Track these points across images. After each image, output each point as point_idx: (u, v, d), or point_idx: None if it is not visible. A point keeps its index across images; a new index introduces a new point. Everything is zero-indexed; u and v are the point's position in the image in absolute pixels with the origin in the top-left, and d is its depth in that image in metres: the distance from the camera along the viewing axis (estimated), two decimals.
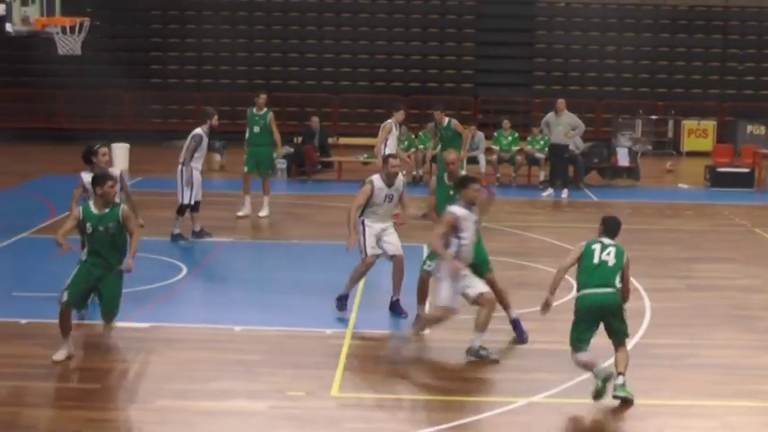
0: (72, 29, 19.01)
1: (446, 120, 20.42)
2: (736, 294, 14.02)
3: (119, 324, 11.03)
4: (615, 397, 9.45)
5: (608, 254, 9.78)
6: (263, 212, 19.23)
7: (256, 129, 19.31)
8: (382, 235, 12.21)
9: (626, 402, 9.44)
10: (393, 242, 12.26)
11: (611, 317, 9.66)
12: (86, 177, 12.05)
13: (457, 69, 34.64)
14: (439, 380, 10.30)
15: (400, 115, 19.49)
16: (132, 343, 11.15)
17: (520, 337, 11.46)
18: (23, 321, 11.83)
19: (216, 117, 17.18)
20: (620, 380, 9.49)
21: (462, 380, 10.32)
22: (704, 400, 9.84)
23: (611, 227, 10.07)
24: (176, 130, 33.25)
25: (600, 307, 9.65)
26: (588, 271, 9.76)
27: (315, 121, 25.80)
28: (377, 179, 12.27)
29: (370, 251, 12.16)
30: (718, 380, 10.40)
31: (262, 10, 35.07)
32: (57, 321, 10.46)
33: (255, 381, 10.02)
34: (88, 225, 10.52)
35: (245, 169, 19.36)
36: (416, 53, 34.55)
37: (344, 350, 10.91)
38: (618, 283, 9.70)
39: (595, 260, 9.78)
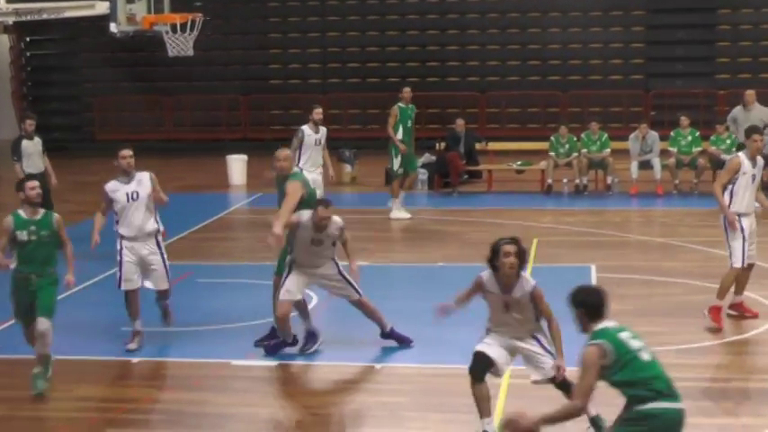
0: (182, 27, 19.42)
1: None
2: None
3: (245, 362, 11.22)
4: None
5: None
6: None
7: (409, 123, 21.13)
8: None
9: None
10: None
11: None
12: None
13: (624, 58, 34.24)
14: None
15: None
16: (258, 384, 11.32)
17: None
18: (135, 360, 12.13)
19: None
20: None
21: None
22: None
23: None
24: None
25: None
26: None
27: (460, 123, 25.85)
28: None
29: None
30: None
31: None
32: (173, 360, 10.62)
33: (400, 426, 10.05)
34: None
35: (400, 171, 21.15)
36: (576, 41, 34.28)
37: (503, 390, 10.83)
38: None
39: None
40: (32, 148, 18.34)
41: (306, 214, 11.76)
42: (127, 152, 12.39)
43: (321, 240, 11.78)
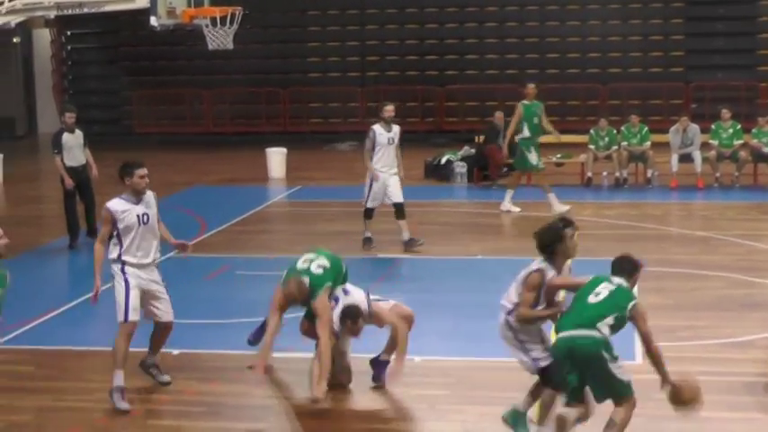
0: (222, 20, 19.49)
1: None
2: None
3: (284, 355, 11.28)
4: None
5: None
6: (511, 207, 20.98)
7: (536, 120, 21.13)
8: None
9: None
10: None
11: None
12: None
13: (664, 51, 34.05)
14: (655, 420, 10.11)
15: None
16: (296, 376, 11.35)
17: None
18: (175, 352, 12.17)
19: None
20: None
21: (678, 419, 10.10)
22: None
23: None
24: (338, 131, 33.84)
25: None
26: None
27: (499, 116, 25.73)
28: None
29: None
30: None
31: None
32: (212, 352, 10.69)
33: (439, 419, 10.06)
34: None
35: (541, 165, 21.26)
36: (615, 33, 34.12)
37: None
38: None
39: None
40: (73, 141, 18.35)
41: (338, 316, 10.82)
42: (144, 171, 10.76)
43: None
